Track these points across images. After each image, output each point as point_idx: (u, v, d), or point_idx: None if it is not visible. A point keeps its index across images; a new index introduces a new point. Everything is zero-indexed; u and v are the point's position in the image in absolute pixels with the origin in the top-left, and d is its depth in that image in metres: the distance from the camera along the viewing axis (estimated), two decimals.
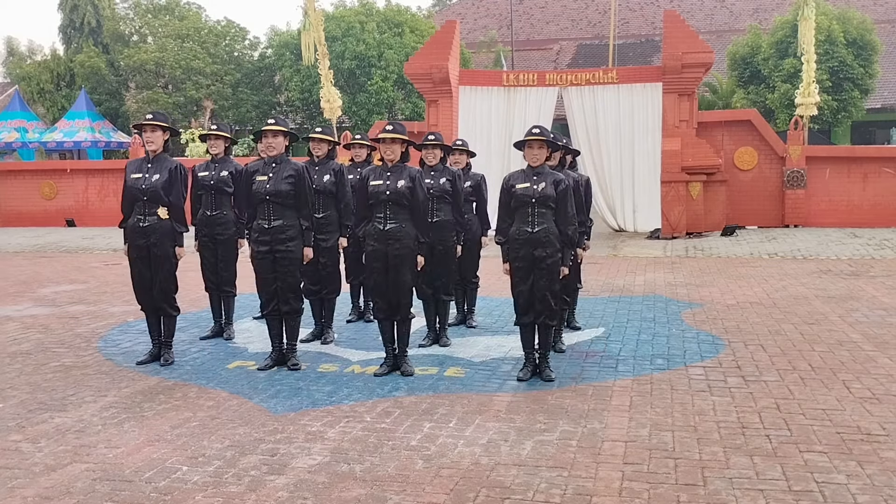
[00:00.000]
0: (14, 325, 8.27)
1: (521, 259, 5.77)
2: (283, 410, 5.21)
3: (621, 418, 4.95)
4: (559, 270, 5.77)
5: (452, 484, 3.99)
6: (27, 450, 4.56)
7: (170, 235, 6.32)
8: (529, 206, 5.72)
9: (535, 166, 5.78)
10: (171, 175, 6.29)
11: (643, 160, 16.48)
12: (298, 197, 6.16)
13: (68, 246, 16.23)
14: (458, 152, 7.47)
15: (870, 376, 5.80)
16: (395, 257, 5.95)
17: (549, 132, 5.91)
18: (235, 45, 30.59)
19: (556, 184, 5.72)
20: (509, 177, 5.93)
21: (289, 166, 6.16)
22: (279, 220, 6.11)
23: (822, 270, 11.16)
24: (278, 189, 6.07)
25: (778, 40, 24.41)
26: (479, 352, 6.71)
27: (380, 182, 5.99)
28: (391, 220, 5.97)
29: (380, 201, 5.97)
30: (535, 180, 5.75)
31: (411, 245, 5.98)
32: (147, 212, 6.29)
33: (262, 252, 6.14)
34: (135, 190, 6.29)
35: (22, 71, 31.97)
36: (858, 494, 3.80)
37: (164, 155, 6.41)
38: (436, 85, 16.64)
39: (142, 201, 6.29)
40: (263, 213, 6.13)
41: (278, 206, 6.10)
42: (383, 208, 5.98)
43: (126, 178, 6.38)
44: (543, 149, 5.78)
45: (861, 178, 16.46)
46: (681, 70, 15.84)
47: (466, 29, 36.28)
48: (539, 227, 5.70)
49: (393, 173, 5.99)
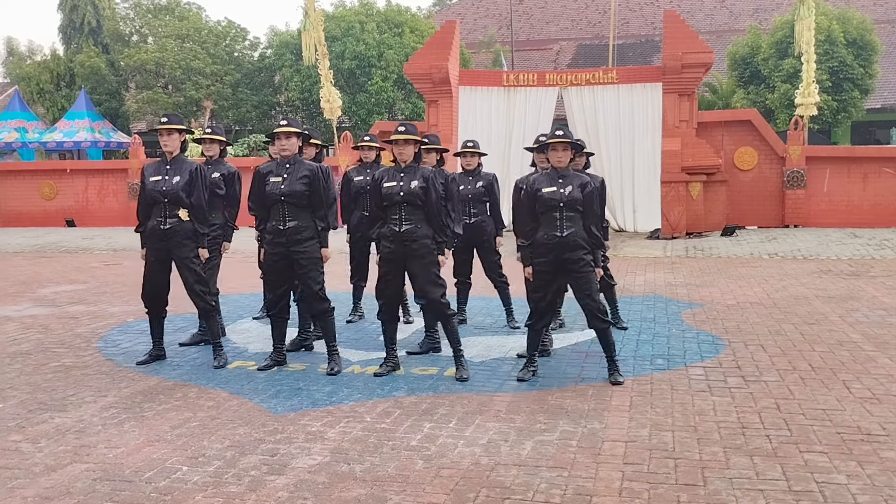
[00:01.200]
0: (14, 325, 8.27)
1: (547, 263, 5.70)
2: (284, 410, 5.21)
3: (621, 418, 4.95)
4: (594, 273, 5.73)
5: (452, 484, 3.99)
6: (27, 450, 4.56)
7: (191, 237, 6.30)
8: (557, 210, 5.66)
9: (559, 169, 5.74)
10: (191, 176, 6.28)
11: (643, 160, 16.49)
12: (313, 197, 6.10)
13: (68, 246, 16.23)
14: (470, 154, 7.46)
15: (870, 376, 5.79)
16: (413, 253, 5.88)
17: (571, 134, 5.86)
18: (235, 46, 30.57)
19: (582, 186, 5.68)
20: (533, 180, 5.86)
21: (303, 167, 6.12)
22: (294, 222, 6.06)
23: (823, 270, 11.17)
24: (293, 190, 6.02)
25: (778, 40, 24.41)
26: (480, 352, 6.70)
27: (393, 183, 5.93)
28: (406, 222, 5.91)
29: (394, 202, 5.91)
30: (561, 183, 5.69)
31: (428, 244, 5.91)
32: (168, 214, 6.26)
33: (277, 254, 6.09)
34: (155, 193, 6.26)
35: (22, 71, 31.96)
36: (858, 495, 3.80)
37: (181, 156, 6.40)
38: (436, 85, 16.65)
39: (162, 204, 6.26)
40: (278, 215, 6.08)
41: (293, 206, 6.05)
42: (398, 209, 5.92)
43: (144, 182, 6.35)
44: (568, 151, 5.75)
45: (861, 179, 16.46)
46: (681, 70, 15.85)
47: (466, 29, 36.28)
48: (568, 232, 5.65)
49: (406, 174, 5.94)
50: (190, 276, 6.33)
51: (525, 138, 16.33)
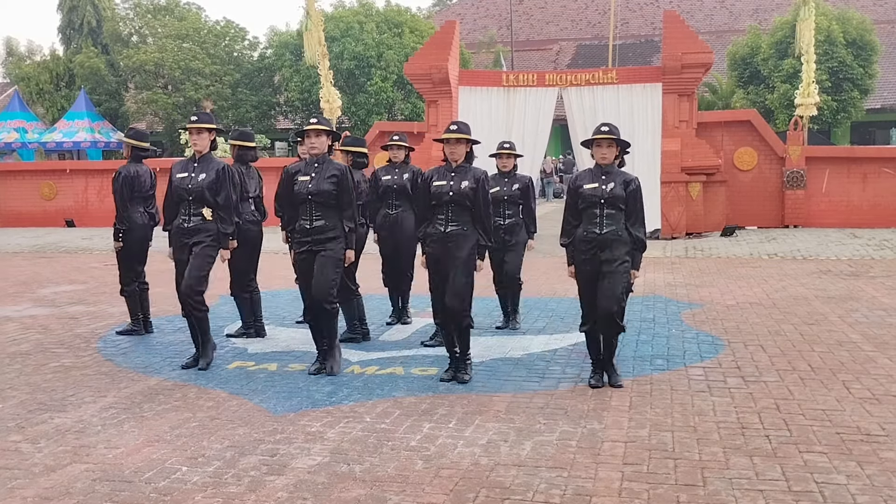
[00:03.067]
0: (14, 325, 8.26)
1: (587, 262, 5.59)
2: (283, 411, 5.21)
3: (621, 418, 4.95)
4: (629, 274, 5.60)
5: (452, 484, 3.99)
6: (27, 450, 4.56)
7: (214, 236, 6.25)
8: (597, 207, 5.54)
9: (603, 165, 5.63)
10: (218, 176, 6.25)
11: (643, 160, 16.45)
12: (341, 197, 6.04)
13: (68, 246, 16.23)
14: (507, 155, 7.43)
15: (869, 377, 5.79)
16: (453, 258, 5.75)
17: (618, 130, 5.70)
18: (235, 46, 30.59)
19: (625, 184, 5.56)
20: (576, 177, 5.77)
21: (332, 166, 6.06)
22: (321, 221, 5.99)
23: (822, 271, 11.16)
24: (321, 189, 5.96)
25: (778, 41, 24.44)
26: (479, 352, 6.69)
27: (443, 182, 5.79)
28: (452, 223, 5.79)
29: (442, 202, 5.77)
30: (604, 180, 5.58)
31: (471, 249, 5.77)
32: (192, 212, 6.23)
33: (305, 253, 6.02)
34: (181, 190, 6.24)
35: (21, 71, 31.99)
36: (858, 495, 3.80)
37: (209, 155, 6.36)
38: (435, 85, 16.64)
39: (187, 201, 6.24)
40: (305, 213, 6.02)
41: (321, 205, 5.98)
42: (445, 209, 5.78)
43: (172, 179, 6.32)
44: (613, 147, 5.62)
45: (861, 179, 16.46)
46: (680, 70, 15.84)
47: (466, 29, 36.28)
48: (608, 229, 5.54)
49: (457, 174, 5.81)
50: (193, 270, 6.20)
51: (524, 138, 16.32)
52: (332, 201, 6.01)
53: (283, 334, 7.51)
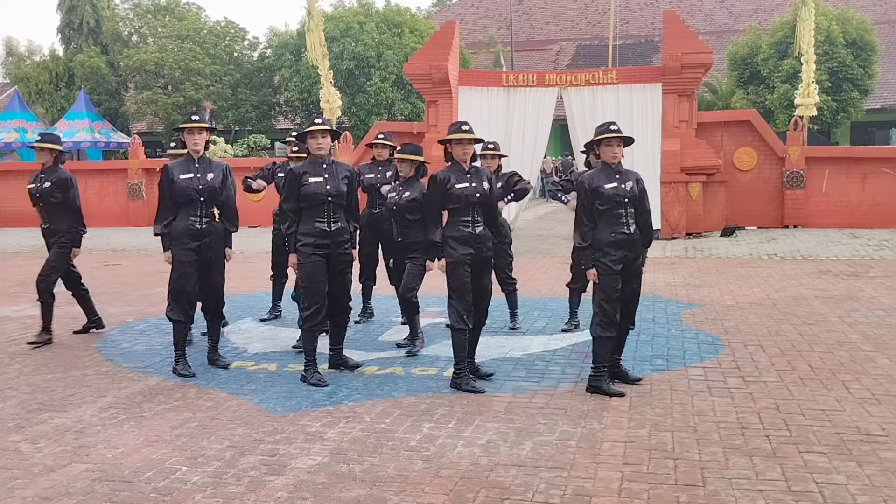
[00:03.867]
0: (14, 325, 8.27)
1: (617, 262, 5.49)
2: (283, 411, 5.21)
3: (620, 418, 4.96)
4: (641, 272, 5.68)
5: (452, 484, 3.99)
6: (26, 450, 4.56)
7: (223, 237, 6.28)
8: (622, 207, 5.50)
9: (613, 164, 5.60)
10: (224, 175, 6.28)
11: (642, 161, 16.44)
12: (350, 198, 6.06)
13: None
14: (491, 156, 7.43)
15: (869, 377, 5.80)
16: (484, 260, 5.74)
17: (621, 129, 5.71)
18: (235, 46, 30.56)
19: (637, 182, 5.57)
20: (589, 177, 5.64)
21: (341, 167, 6.07)
22: (339, 223, 5.94)
23: (822, 271, 11.16)
24: (340, 190, 5.92)
25: (777, 41, 24.44)
26: (479, 352, 6.65)
27: (465, 185, 5.65)
28: (478, 224, 5.73)
29: (469, 204, 5.66)
30: (619, 179, 5.53)
31: (491, 248, 5.83)
32: (203, 213, 6.16)
33: (322, 256, 5.86)
34: (189, 190, 6.10)
35: (21, 71, 31.97)
36: (858, 495, 3.80)
37: (205, 155, 6.35)
38: (435, 85, 16.64)
39: (198, 202, 6.14)
40: (323, 215, 5.88)
41: (338, 207, 5.94)
42: (471, 211, 5.67)
43: (173, 181, 6.11)
44: (622, 145, 5.63)
45: (860, 179, 16.45)
46: (680, 70, 15.83)
47: (466, 29, 36.29)
48: (633, 228, 5.54)
49: (473, 175, 5.76)
50: (220, 277, 6.31)
51: (524, 139, 16.31)
52: (345, 202, 6.02)
53: (284, 334, 7.51)
